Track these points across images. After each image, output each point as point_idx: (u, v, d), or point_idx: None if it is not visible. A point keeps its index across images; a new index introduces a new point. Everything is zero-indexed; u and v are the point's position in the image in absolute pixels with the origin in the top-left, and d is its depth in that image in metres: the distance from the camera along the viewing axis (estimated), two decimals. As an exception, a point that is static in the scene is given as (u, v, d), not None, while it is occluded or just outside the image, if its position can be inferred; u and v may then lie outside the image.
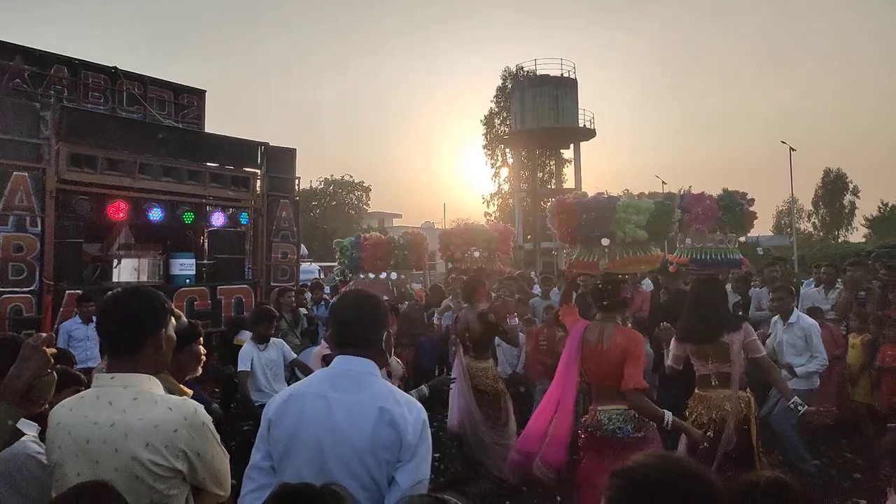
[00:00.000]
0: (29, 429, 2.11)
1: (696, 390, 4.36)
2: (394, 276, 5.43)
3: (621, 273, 4.15)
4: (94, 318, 6.51)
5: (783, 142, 37.16)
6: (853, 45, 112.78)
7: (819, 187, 55.38)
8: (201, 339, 2.78)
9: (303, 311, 7.94)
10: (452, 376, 5.78)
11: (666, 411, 3.64)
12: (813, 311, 6.91)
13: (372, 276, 7.21)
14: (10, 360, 1.90)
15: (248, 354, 5.79)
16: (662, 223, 4.11)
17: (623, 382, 3.61)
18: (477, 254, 7.99)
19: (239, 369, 5.76)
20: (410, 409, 1.93)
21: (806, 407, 4.40)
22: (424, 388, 4.69)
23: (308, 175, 49.75)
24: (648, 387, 3.76)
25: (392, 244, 8.12)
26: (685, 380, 4.64)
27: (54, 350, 1.97)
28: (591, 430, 3.82)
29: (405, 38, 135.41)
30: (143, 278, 8.66)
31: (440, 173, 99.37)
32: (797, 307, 6.26)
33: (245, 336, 6.51)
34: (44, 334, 1.95)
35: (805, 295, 7.92)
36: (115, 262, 8.61)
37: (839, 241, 50.46)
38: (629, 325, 4.84)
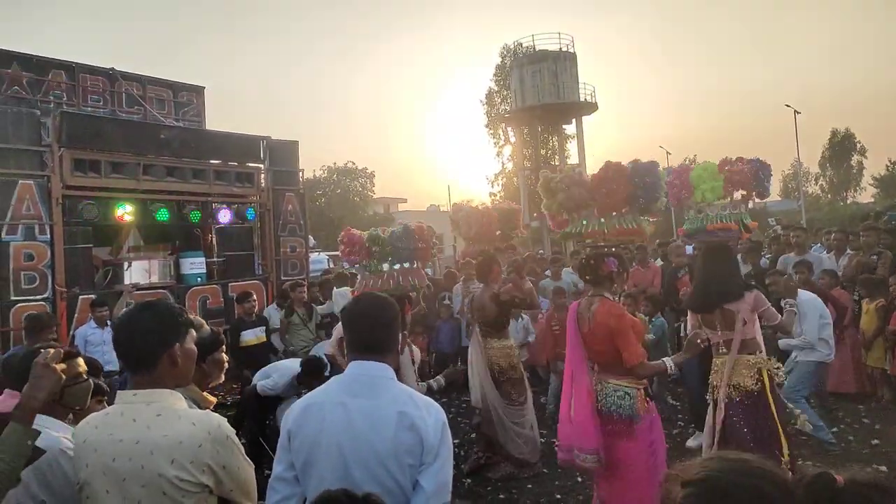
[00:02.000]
0: (66, 431, 2.13)
1: (714, 358, 4.35)
2: (396, 267, 5.42)
3: (614, 245, 4.14)
4: (108, 323, 6.61)
5: (787, 105, 36.60)
6: (854, 5, 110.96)
7: (826, 149, 54.77)
8: (224, 346, 2.79)
9: (321, 308, 7.94)
10: (469, 359, 5.83)
11: (663, 360, 3.83)
12: (827, 274, 6.87)
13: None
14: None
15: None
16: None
17: (625, 362, 3.69)
18: (499, 232, 7.99)
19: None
20: (429, 412, 1.94)
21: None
22: (441, 379, 4.71)
23: (311, 165, 49.71)
24: (645, 353, 3.83)
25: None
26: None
27: (63, 377, 1.99)
28: (595, 403, 3.87)
29: (401, 20, 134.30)
30: (155, 279, 8.70)
31: (443, 156, 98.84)
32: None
33: (252, 335, 6.55)
34: (52, 351, 1.97)
35: (814, 259, 7.85)
36: (126, 264, 8.65)
37: (847, 202, 50.06)
38: (620, 299, 4.84)
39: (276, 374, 5.71)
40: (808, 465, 1.27)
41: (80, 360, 2.37)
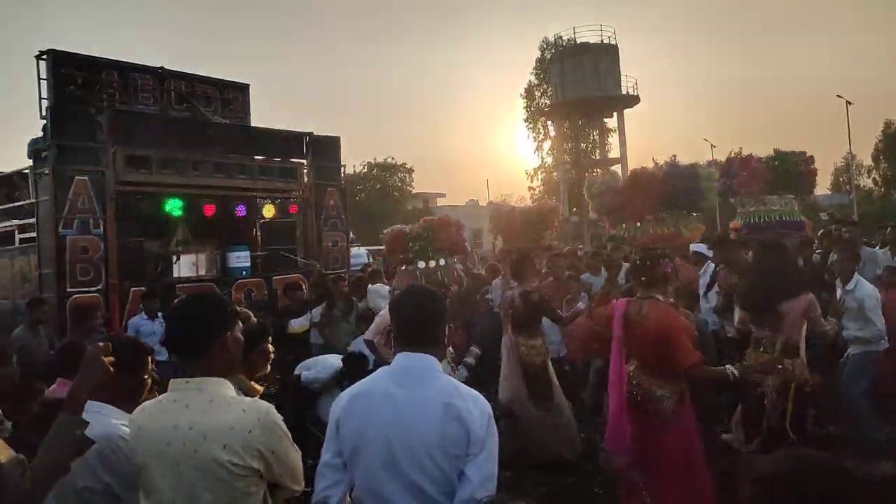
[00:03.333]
0: (123, 418, 2.22)
1: (750, 348, 4.29)
2: (421, 265, 5.49)
3: (664, 247, 4.09)
4: (159, 315, 6.81)
5: (839, 96, 35.33)
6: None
7: (879, 140, 52.66)
8: (270, 337, 2.87)
9: (362, 304, 8.03)
10: (503, 352, 5.83)
11: (727, 367, 3.75)
12: (891, 272, 6.61)
13: (402, 267, 7.19)
14: (128, 359, 2.20)
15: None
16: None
17: (679, 365, 3.62)
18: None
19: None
20: (475, 404, 1.97)
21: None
22: (474, 350, 4.55)
23: (351, 160, 50.21)
24: (702, 357, 3.74)
25: (406, 235, 7.93)
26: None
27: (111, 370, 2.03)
28: (635, 397, 3.84)
29: (441, 14, 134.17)
30: (202, 272, 8.95)
31: (482, 150, 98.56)
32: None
33: (297, 323, 6.66)
34: (101, 344, 2.04)
35: (870, 256, 7.58)
36: (175, 258, 8.91)
37: (903, 196, 48.12)
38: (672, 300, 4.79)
39: (318, 367, 5.81)
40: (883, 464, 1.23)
41: (150, 360, 2.45)
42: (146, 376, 2.38)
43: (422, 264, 8.41)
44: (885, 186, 52.38)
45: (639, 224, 4.21)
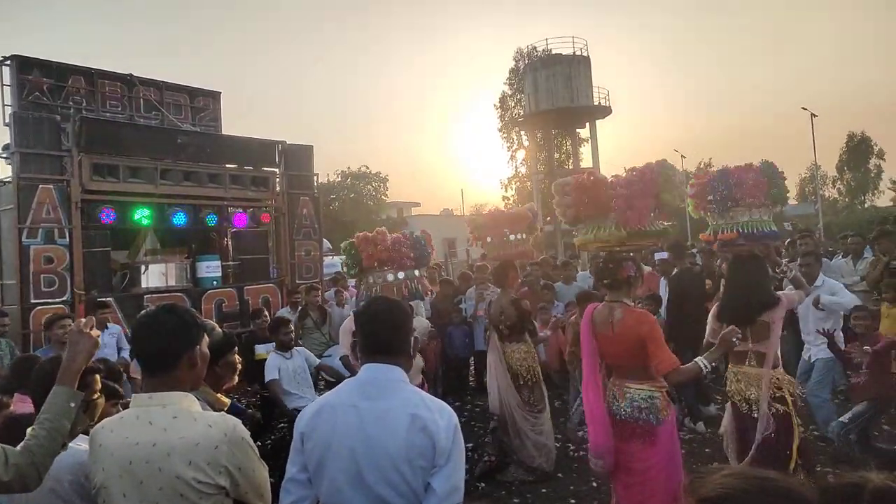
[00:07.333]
0: (85, 442, 2.17)
1: (731, 366, 4.30)
2: (401, 275, 5.47)
3: (630, 249, 4.09)
4: (108, 326, 6.61)
5: (804, 108, 36.19)
6: (867, 6, 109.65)
7: (843, 152, 54.12)
8: (236, 348, 2.81)
9: (341, 309, 7.97)
10: (489, 362, 5.84)
11: (696, 360, 3.62)
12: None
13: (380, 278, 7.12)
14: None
15: (274, 364, 5.92)
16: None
17: (658, 368, 3.61)
18: (513, 237, 7.99)
19: (267, 380, 5.88)
20: (442, 414, 1.95)
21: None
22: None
23: (325, 169, 50.01)
24: (678, 361, 3.70)
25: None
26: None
27: (99, 342, 2.18)
28: (610, 409, 3.82)
29: (414, 25, 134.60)
30: (172, 283, 8.78)
31: (457, 159, 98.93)
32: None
33: (264, 349, 6.57)
34: (83, 319, 2.08)
35: (832, 266, 7.77)
36: (143, 268, 8.74)
37: (865, 206, 49.42)
38: (639, 304, 4.82)
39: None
40: (829, 474, 1.22)
41: (98, 378, 2.43)
42: (95, 396, 2.33)
43: (391, 276, 8.37)
44: (849, 196, 53.76)
45: (598, 227, 4.23)
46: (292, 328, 6.36)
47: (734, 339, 3.66)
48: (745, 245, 4.27)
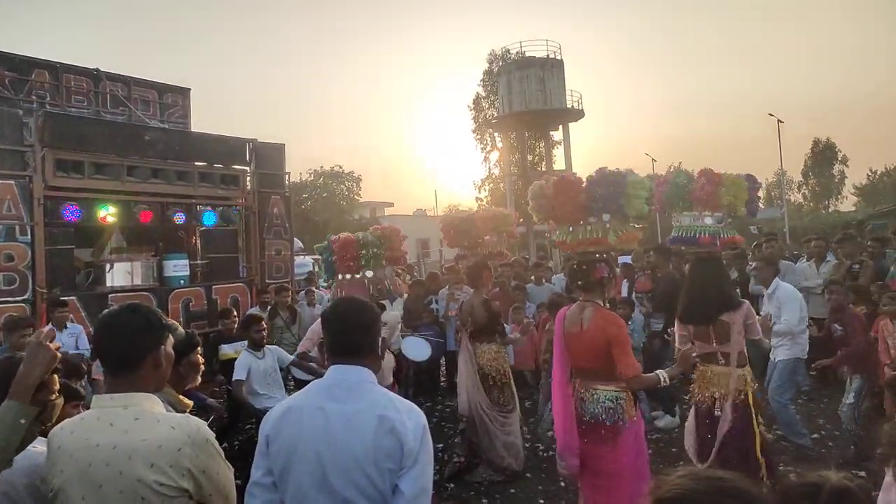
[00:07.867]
0: (43, 445, 2.11)
1: (699, 365, 4.36)
2: (369, 274, 5.44)
3: (603, 252, 4.13)
4: (67, 326, 6.45)
5: (770, 114, 36.91)
6: (832, 15, 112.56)
7: (808, 158, 55.51)
8: (199, 348, 2.77)
9: (312, 309, 7.90)
10: (459, 362, 5.83)
11: (657, 372, 3.73)
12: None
13: (348, 276, 7.07)
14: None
15: (245, 363, 5.78)
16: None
17: (621, 372, 3.64)
18: (489, 237, 8.02)
19: (234, 378, 5.75)
20: (410, 416, 1.93)
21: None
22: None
23: (297, 168, 49.57)
24: (640, 367, 3.81)
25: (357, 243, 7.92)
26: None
27: (59, 354, 2.03)
28: (577, 411, 3.85)
29: (389, 23, 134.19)
30: (137, 281, 8.62)
31: (431, 160, 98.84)
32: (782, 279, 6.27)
33: (230, 349, 6.46)
34: (45, 330, 1.99)
35: (796, 270, 7.95)
36: (108, 266, 8.56)
37: (829, 210, 50.73)
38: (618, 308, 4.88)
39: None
40: (789, 473, 1.25)
41: (56, 378, 2.34)
42: (52, 397, 2.25)
43: (370, 273, 8.33)
44: (814, 201, 55.15)
45: (570, 229, 4.24)
46: (265, 325, 6.22)
47: (693, 356, 3.78)
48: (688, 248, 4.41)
